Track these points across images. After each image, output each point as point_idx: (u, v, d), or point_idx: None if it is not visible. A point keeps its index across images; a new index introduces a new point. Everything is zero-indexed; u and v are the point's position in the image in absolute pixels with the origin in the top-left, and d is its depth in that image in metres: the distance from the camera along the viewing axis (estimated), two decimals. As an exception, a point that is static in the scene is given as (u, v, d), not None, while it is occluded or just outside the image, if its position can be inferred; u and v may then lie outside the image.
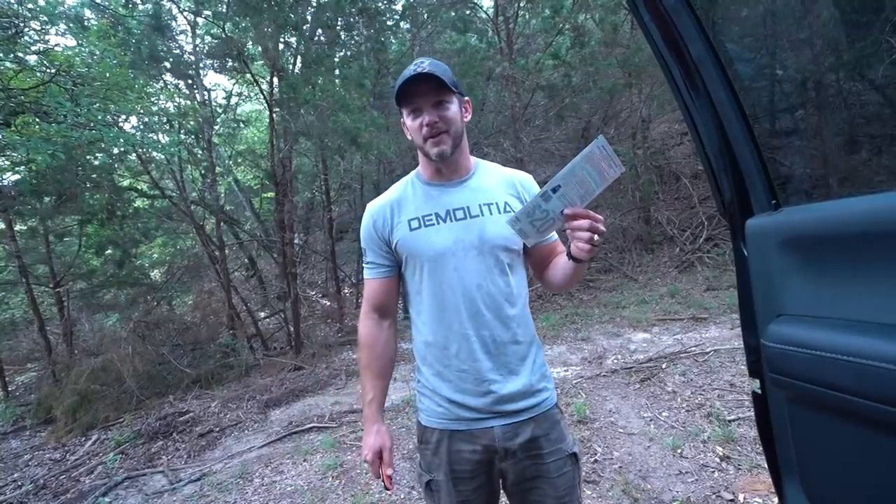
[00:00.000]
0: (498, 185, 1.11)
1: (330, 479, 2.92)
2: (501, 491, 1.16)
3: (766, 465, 0.85)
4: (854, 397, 0.62)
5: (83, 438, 4.54)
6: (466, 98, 1.11)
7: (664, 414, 2.99)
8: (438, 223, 1.06)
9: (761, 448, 0.86)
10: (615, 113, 8.95)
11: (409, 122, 1.05)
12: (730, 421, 2.72)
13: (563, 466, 1.08)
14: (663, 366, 3.73)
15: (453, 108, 1.04)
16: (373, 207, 1.13)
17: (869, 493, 0.66)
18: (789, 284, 0.74)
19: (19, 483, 3.77)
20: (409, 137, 1.09)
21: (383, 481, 1.12)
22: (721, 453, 2.44)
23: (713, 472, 2.32)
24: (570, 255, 0.98)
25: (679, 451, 2.54)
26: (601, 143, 0.82)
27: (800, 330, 0.70)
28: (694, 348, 3.98)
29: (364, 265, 1.15)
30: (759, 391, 0.82)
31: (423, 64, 1.01)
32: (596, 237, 0.91)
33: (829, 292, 0.68)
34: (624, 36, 7.46)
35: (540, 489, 1.07)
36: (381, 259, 1.12)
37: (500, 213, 1.07)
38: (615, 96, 8.22)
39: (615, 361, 4.10)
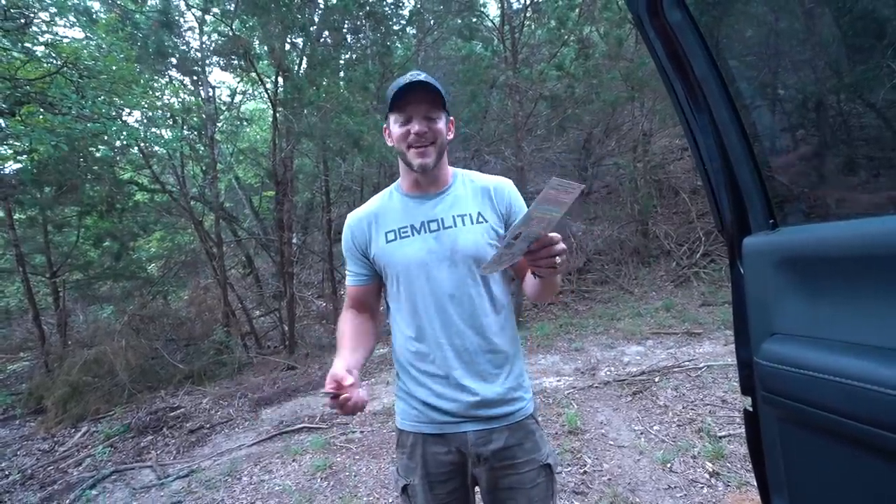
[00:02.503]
0: (473, 196, 1.13)
1: (318, 480, 2.91)
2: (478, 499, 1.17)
3: (755, 483, 0.86)
4: (845, 419, 0.62)
5: (73, 430, 4.50)
6: (451, 118, 1.14)
7: (655, 427, 2.99)
8: (413, 235, 1.09)
9: (751, 465, 0.87)
10: (617, 125, 8.98)
11: (395, 128, 1.06)
12: (720, 437, 2.72)
13: (536, 477, 1.09)
14: (656, 379, 3.73)
15: (441, 122, 1.06)
16: (352, 219, 1.16)
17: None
18: (784, 304, 0.74)
19: (6, 472, 3.73)
20: (391, 143, 1.11)
21: (341, 405, 0.91)
22: (711, 469, 2.43)
23: (702, 487, 2.32)
24: (533, 273, 1.00)
25: (669, 465, 2.53)
26: (553, 185, 0.80)
27: (793, 350, 0.71)
28: (687, 363, 3.98)
29: (347, 274, 1.19)
30: (751, 409, 0.82)
31: (420, 75, 1.04)
32: (558, 259, 0.90)
33: (824, 313, 0.69)
34: (628, 49, 7.51)
35: (514, 500, 1.09)
36: (360, 268, 1.16)
37: (472, 223, 1.09)
38: (617, 109, 8.25)
39: (608, 373, 4.10)
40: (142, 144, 6.37)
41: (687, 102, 0.85)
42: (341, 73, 7.30)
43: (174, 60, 6.81)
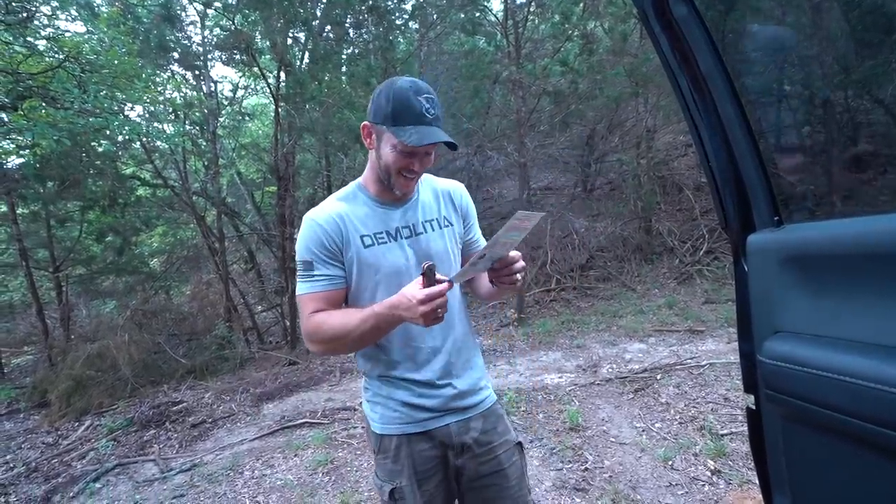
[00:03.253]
0: (436, 200, 1.18)
1: (320, 475, 2.92)
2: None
3: (757, 481, 0.85)
4: (850, 418, 0.61)
5: (76, 423, 4.54)
6: None
7: (657, 425, 2.99)
8: (389, 241, 1.08)
9: (753, 464, 0.86)
10: (620, 121, 8.93)
11: (390, 152, 1.00)
12: (722, 435, 2.71)
13: (511, 456, 1.16)
14: (658, 377, 3.73)
15: (433, 153, 1.06)
16: (320, 218, 1.05)
17: (859, 514, 0.66)
18: (788, 301, 0.74)
19: (11, 465, 3.77)
20: (371, 149, 1.07)
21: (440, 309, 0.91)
22: (712, 467, 2.43)
23: (703, 485, 2.32)
24: (491, 281, 1.07)
25: (670, 462, 2.53)
26: (519, 216, 0.89)
27: (797, 347, 0.70)
28: (689, 360, 3.97)
29: (309, 280, 1.05)
30: (754, 407, 0.82)
31: (432, 102, 0.98)
32: (518, 276, 1.01)
33: (829, 311, 0.68)
34: (632, 45, 7.45)
35: (495, 484, 1.13)
36: (336, 270, 1.06)
37: (440, 227, 1.15)
38: (621, 105, 8.20)
39: (610, 370, 4.10)
40: (144, 139, 6.38)
41: (692, 98, 0.84)
42: (343, 68, 7.29)
43: (176, 55, 6.81)
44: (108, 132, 5.36)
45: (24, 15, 4.64)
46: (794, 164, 0.99)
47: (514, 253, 1.00)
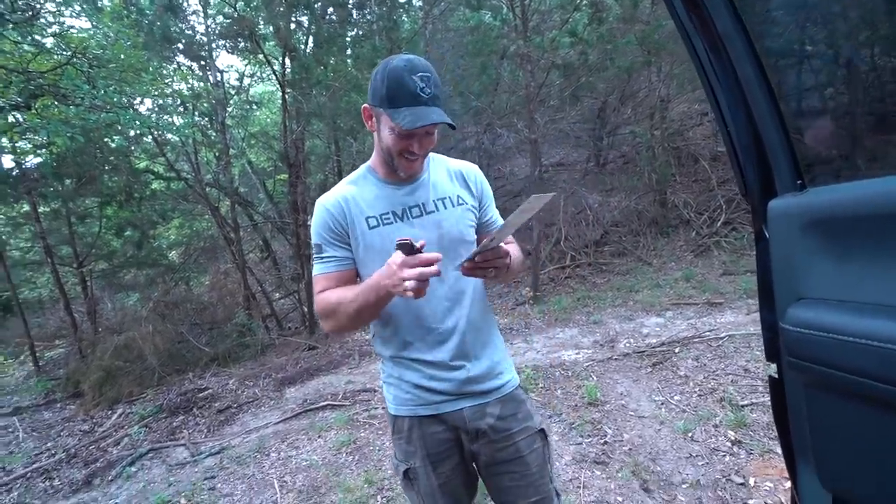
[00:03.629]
0: (449, 179, 1.15)
1: (344, 454, 3.00)
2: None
3: (778, 451, 0.85)
4: (877, 383, 0.60)
5: (109, 412, 4.73)
6: None
7: (676, 398, 2.99)
8: (396, 222, 1.07)
9: (774, 433, 0.86)
10: (632, 92, 8.68)
11: (389, 135, 0.99)
12: (743, 406, 2.70)
13: (532, 443, 1.13)
14: (676, 350, 3.71)
15: (436, 133, 1.03)
16: (328, 203, 1.07)
17: (886, 481, 0.65)
18: (812, 267, 0.72)
19: (53, 451, 3.97)
20: (372, 130, 1.06)
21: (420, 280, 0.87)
22: (733, 438, 2.43)
23: (724, 455, 2.32)
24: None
25: (690, 434, 2.54)
26: (532, 200, 0.85)
27: (822, 313, 0.69)
28: (708, 333, 3.94)
29: (319, 262, 1.09)
30: (776, 375, 0.81)
31: (427, 80, 0.95)
32: (492, 270, 0.97)
33: (855, 276, 0.66)
34: (644, 11, 7.18)
35: (513, 472, 1.11)
36: (344, 252, 1.08)
37: (453, 206, 1.11)
38: (633, 75, 7.95)
39: (627, 345, 4.09)
40: (155, 133, 6.44)
41: (709, 61, 0.81)
42: (348, 51, 7.19)
43: (181, 46, 6.79)
44: (119, 127, 5.41)
45: (30, 13, 4.67)
46: (818, 127, 0.95)
47: (511, 248, 1.00)
